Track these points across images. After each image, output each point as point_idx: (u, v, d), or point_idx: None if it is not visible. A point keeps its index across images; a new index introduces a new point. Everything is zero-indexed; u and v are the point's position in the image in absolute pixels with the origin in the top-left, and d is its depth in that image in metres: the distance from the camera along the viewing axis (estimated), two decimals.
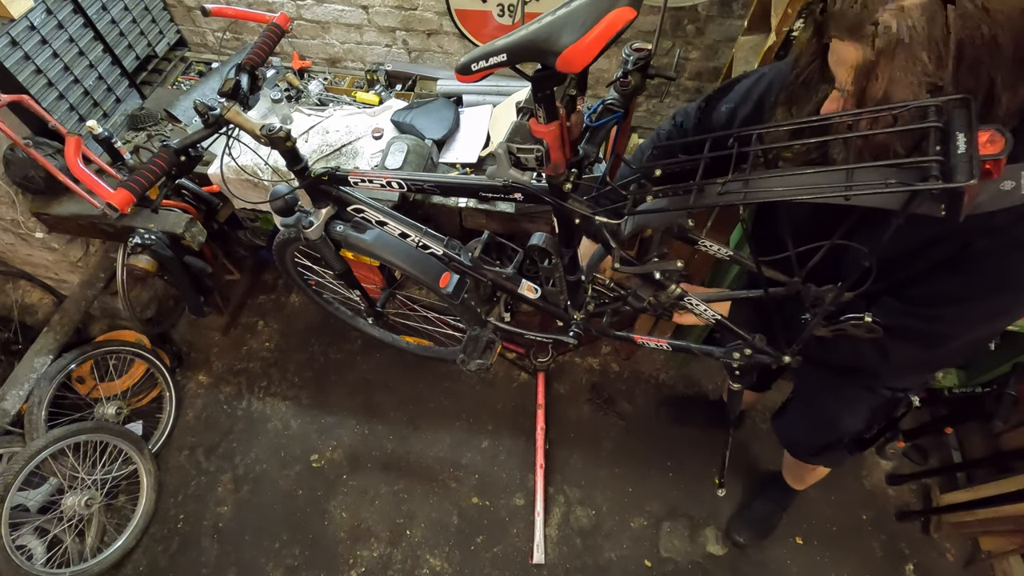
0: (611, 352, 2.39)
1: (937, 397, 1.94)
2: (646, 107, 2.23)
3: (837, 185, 0.69)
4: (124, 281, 2.00)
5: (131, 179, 1.06)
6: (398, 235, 1.34)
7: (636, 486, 2.07)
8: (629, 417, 2.23)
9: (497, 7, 1.92)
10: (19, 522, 1.85)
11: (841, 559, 1.92)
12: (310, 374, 2.39)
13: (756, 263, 0.91)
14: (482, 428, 2.22)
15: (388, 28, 2.16)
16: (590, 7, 0.75)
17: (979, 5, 0.62)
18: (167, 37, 2.32)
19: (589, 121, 1.07)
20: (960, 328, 0.89)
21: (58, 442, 1.85)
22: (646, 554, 1.95)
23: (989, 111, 0.68)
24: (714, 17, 1.88)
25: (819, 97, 0.83)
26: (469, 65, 0.83)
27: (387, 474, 2.13)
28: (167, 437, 2.23)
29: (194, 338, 2.51)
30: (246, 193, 1.90)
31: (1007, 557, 1.81)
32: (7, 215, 1.92)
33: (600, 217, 1.02)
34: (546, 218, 1.77)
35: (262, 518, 2.06)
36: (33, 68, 1.81)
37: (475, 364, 1.56)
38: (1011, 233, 0.75)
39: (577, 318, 1.34)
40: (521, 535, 1.99)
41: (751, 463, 2.09)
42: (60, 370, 2.03)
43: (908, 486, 2.04)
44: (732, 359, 1.19)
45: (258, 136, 1.14)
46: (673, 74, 1.09)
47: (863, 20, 0.68)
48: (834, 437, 1.37)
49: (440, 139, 1.91)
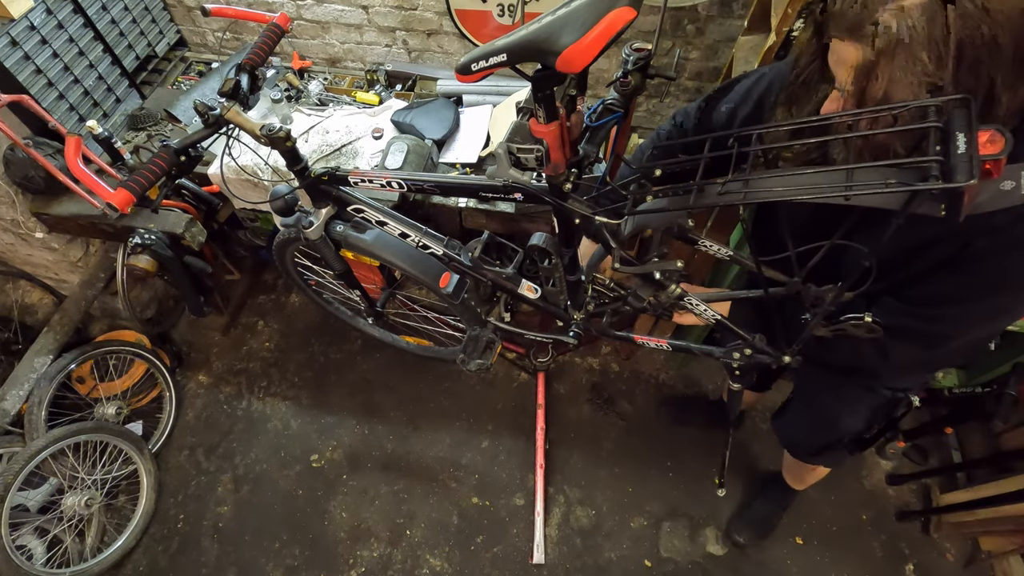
0: (611, 352, 2.39)
1: (937, 397, 1.94)
2: (646, 107, 2.23)
3: (837, 185, 0.69)
4: (124, 281, 2.00)
5: (131, 179, 1.06)
6: (398, 235, 1.34)
7: (636, 486, 2.07)
8: (629, 417, 2.23)
9: (497, 7, 1.92)
10: (19, 522, 1.85)
11: (841, 559, 1.92)
12: (310, 374, 2.39)
13: (756, 263, 0.91)
14: (482, 428, 2.22)
15: (388, 28, 2.16)
16: (590, 7, 0.75)
17: (979, 5, 0.62)
18: (167, 37, 2.32)
19: (589, 121, 1.07)
20: (960, 328, 0.89)
21: (58, 442, 1.85)
22: (646, 554, 1.95)
23: (989, 111, 0.68)
24: (714, 17, 1.88)
25: (819, 97, 0.83)
26: (469, 65, 0.83)
27: (387, 474, 2.13)
28: (167, 437, 2.23)
29: (194, 338, 2.51)
30: (246, 193, 1.90)
31: (1007, 557, 1.81)
32: (7, 215, 1.92)
33: (600, 217, 1.02)
34: (546, 218, 1.77)
35: (262, 518, 2.06)
36: (33, 68, 1.81)
37: (475, 364, 1.56)
38: (1011, 233, 0.75)
39: (577, 318, 1.34)
40: (521, 535, 1.99)
41: (751, 463, 2.09)
42: (60, 370, 2.03)
43: (908, 486, 2.04)
44: (732, 359, 1.19)
45: (258, 136, 1.14)
46: (673, 74, 1.09)
47: (863, 20, 0.68)
48: (834, 437, 1.37)
49: (440, 139, 1.91)
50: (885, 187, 0.66)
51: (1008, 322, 0.91)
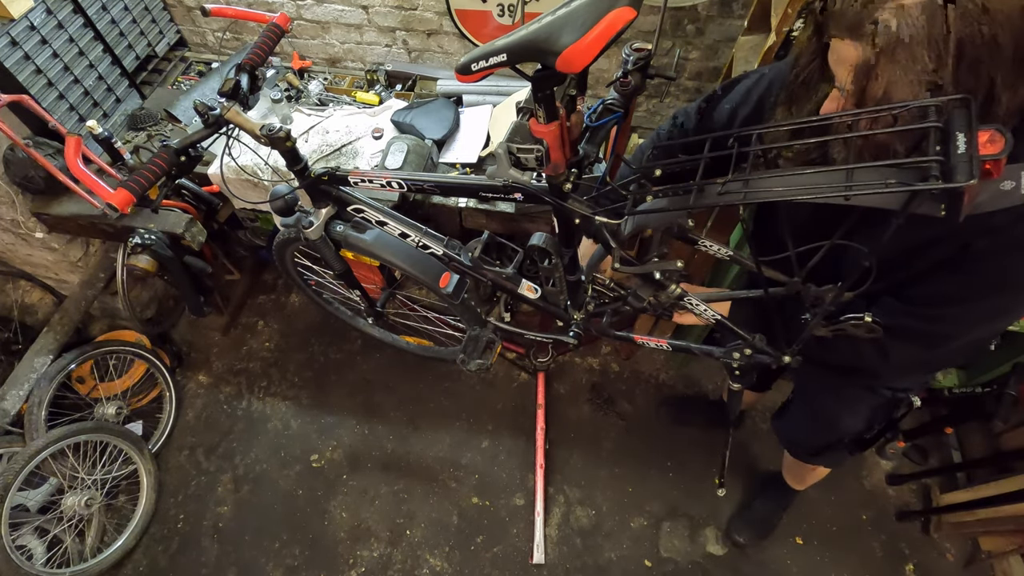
0: (611, 352, 2.39)
1: (937, 397, 1.94)
2: (646, 107, 2.23)
3: (837, 185, 0.69)
4: (124, 281, 2.00)
5: (131, 179, 1.06)
6: (398, 235, 1.34)
7: (636, 486, 2.07)
8: (629, 417, 2.22)
9: (497, 7, 1.92)
10: (19, 522, 1.85)
11: (841, 559, 1.92)
12: (310, 374, 2.39)
13: (756, 263, 0.91)
14: (482, 428, 2.22)
15: (388, 28, 2.16)
16: (590, 7, 0.75)
17: (979, 4, 0.62)
18: (167, 37, 2.32)
19: (589, 121, 1.07)
20: (960, 328, 0.89)
21: (58, 442, 1.85)
22: (646, 554, 1.95)
23: (989, 111, 0.68)
24: (714, 17, 1.88)
25: (819, 97, 0.83)
26: (469, 65, 0.83)
27: (387, 474, 2.13)
28: (167, 437, 2.23)
29: (194, 338, 2.51)
30: (246, 193, 1.90)
31: (1007, 557, 1.81)
32: (7, 215, 1.92)
33: (600, 217, 1.02)
34: (546, 218, 1.77)
35: (262, 518, 2.06)
36: (33, 68, 1.81)
37: (475, 364, 1.56)
38: (1011, 233, 0.75)
39: (577, 318, 1.34)
40: (521, 535, 1.99)
41: (751, 463, 2.09)
42: (60, 370, 2.03)
43: (908, 486, 2.04)
44: (732, 359, 1.19)
45: (258, 136, 1.14)
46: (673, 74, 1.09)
47: (863, 19, 0.68)
48: (834, 437, 1.37)
49: (440, 139, 1.91)
50: (885, 187, 0.66)
51: (1008, 322, 0.91)
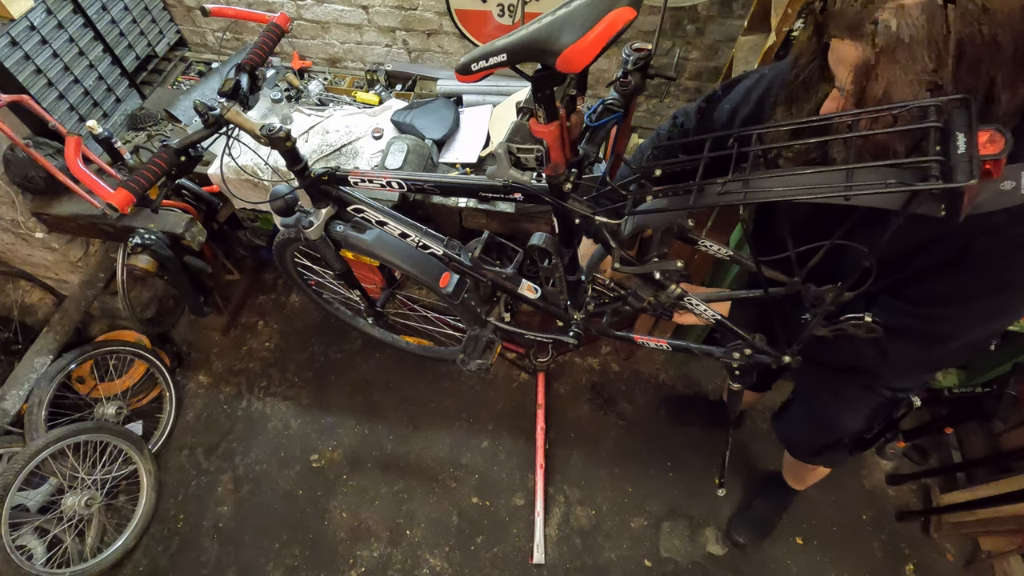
0: (611, 352, 2.39)
1: (937, 397, 1.94)
2: (646, 107, 2.23)
3: (837, 185, 0.69)
4: (124, 281, 2.00)
5: (131, 179, 1.06)
6: (398, 235, 1.34)
7: (636, 486, 2.07)
8: (629, 417, 2.22)
9: (497, 7, 1.92)
10: (19, 522, 1.85)
11: (841, 559, 1.92)
12: (310, 374, 2.39)
13: (756, 263, 0.91)
14: (482, 428, 2.22)
15: (388, 28, 2.16)
16: (590, 7, 0.75)
17: (979, 4, 0.62)
18: (167, 37, 2.32)
19: (589, 121, 1.07)
20: (960, 328, 0.89)
21: (58, 442, 1.85)
22: (646, 554, 1.95)
23: (989, 111, 0.68)
24: (714, 17, 1.88)
25: (819, 97, 0.83)
26: (469, 65, 0.83)
27: (387, 474, 2.13)
28: (167, 437, 2.23)
29: (194, 338, 2.51)
30: (246, 193, 1.90)
31: (1007, 557, 1.81)
32: (7, 215, 1.92)
33: (600, 217, 1.02)
34: (546, 218, 1.77)
35: (262, 518, 2.06)
36: (33, 68, 1.81)
37: (475, 364, 1.56)
38: (1011, 233, 0.75)
39: (577, 318, 1.34)
40: (521, 535, 1.99)
41: (751, 463, 2.09)
42: (60, 370, 2.03)
43: (908, 486, 2.04)
44: (732, 359, 1.19)
45: (258, 136, 1.14)
46: (673, 74, 1.09)
47: (863, 19, 0.67)
48: (834, 437, 1.37)
49: (440, 139, 1.91)
50: (885, 187, 0.66)
51: (1008, 322, 0.91)
